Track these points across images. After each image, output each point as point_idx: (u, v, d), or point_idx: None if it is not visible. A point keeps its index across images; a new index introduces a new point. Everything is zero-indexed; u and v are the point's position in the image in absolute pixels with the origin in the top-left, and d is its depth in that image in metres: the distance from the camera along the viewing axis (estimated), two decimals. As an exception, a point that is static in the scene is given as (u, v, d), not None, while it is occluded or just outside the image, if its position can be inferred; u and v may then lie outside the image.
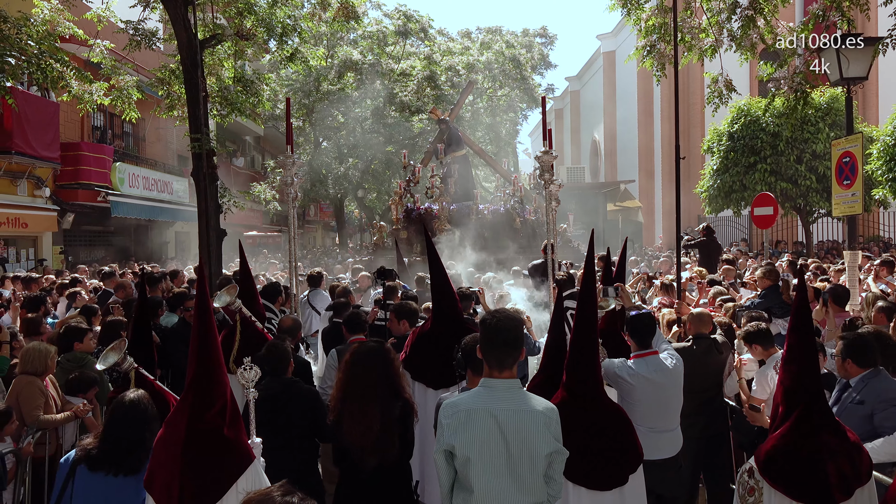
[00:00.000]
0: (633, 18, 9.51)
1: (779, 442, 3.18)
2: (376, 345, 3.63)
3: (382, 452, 3.38)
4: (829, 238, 23.42)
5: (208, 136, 9.00)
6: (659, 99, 31.60)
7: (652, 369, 4.25)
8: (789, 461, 3.12)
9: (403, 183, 16.01)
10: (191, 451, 3.05)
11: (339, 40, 25.23)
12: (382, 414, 3.39)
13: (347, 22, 10.45)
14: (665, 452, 4.29)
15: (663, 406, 4.28)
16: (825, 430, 3.11)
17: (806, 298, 3.27)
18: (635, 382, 4.21)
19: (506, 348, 2.83)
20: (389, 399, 3.45)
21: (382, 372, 3.49)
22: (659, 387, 4.23)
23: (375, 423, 3.35)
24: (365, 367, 3.49)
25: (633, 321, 4.42)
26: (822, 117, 17.79)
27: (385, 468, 3.44)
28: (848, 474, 3.05)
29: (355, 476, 3.50)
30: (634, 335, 4.42)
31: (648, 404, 4.23)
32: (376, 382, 3.45)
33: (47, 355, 5.05)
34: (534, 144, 54.82)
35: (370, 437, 3.35)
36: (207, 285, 3.40)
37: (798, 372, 3.16)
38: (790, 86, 8.94)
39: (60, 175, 16.63)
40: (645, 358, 4.32)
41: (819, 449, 3.07)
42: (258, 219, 29.08)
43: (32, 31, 8.48)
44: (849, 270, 7.85)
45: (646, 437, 3.98)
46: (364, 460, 3.40)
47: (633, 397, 4.23)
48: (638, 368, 4.25)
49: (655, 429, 4.25)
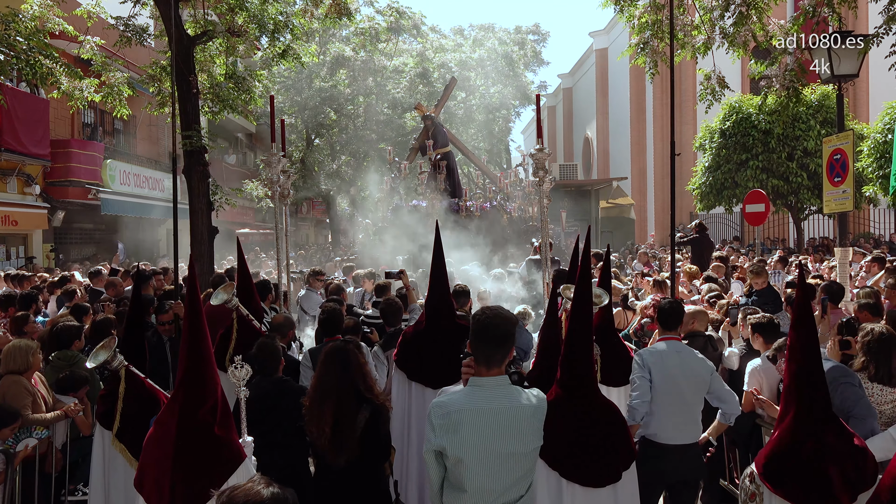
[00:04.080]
0: (626, 16, 9.52)
1: (779, 445, 3.08)
2: (339, 344, 3.61)
3: (338, 452, 3.37)
4: (820, 235, 23.54)
5: (200, 133, 8.95)
6: (651, 96, 31.64)
7: (674, 350, 4.30)
8: (790, 465, 3.01)
9: (389, 180, 15.97)
10: (181, 449, 3.03)
11: (331, 37, 25.16)
12: (337, 414, 3.39)
13: (339, 18, 10.41)
14: (689, 437, 4.28)
15: (685, 390, 4.26)
16: (827, 431, 3.00)
17: (808, 296, 3.21)
18: (654, 359, 4.28)
19: (495, 345, 2.81)
20: (348, 399, 3.43)
21: (341, 372, 3.48)
22: (681, 367, 4.25)
23: (328, 423, 3.37)
24: (325, 367, 3.52)
25: (661, 308, 4.54)
26: (814, 114, 17.88)
27: (353, 468, 3.42)
28: (852, 478, 2.94)
29: (326, 473, 3.51)
30: (660, 319, 4.52)
31: (671, 384, 4.23)
32: (335, 383, 3.46)
33: (28, 351, 4.98)
34: (526, 142, 54.81)
35: (325, 437, 3.37)
36: (198, 283, 3.38)
37: (798, 371, 3.06)
38: (781, 83, 8.97)
39: (51, 172, 16.51)
40: (669, 340, 4.39)
41: (821, 451, 2.96)
42: (250, 216, 28.98)
43: (22, 28, 8.42)
44: (839, 267, 7.89)
45: (671, 419, 4.13)
46: (328, 458, 3.41)
47: (655, 376, 4.26)
48: (659, 346, 4.36)
49: (679, 413, 4.25)
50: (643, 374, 4.23)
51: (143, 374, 4.12)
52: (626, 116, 34.61)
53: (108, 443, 4.01)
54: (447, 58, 27.48)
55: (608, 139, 39.33)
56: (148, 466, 3.14)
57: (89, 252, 19.14)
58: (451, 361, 4.65)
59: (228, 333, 5.65)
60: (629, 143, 34.32)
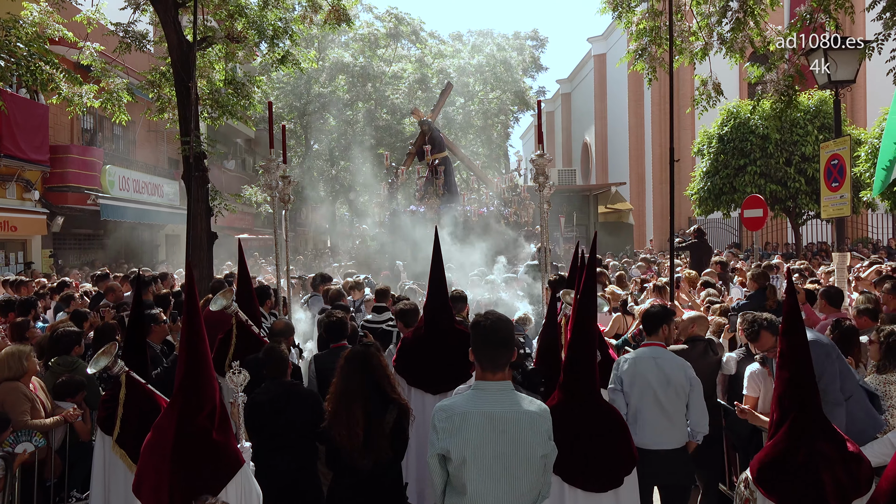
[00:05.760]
0: (624, 22, 9.55)
1: (772, 451, 3.09)
2: (361, 348, 3.68)
3: (373, 453, 3.40)
4: (818, 240, 23.57)
5: (199, 139, 8.96)
6: (650, 102, 31.70)
7: (651, 356, 4.34)
8: (783, 470, 3.03)
9: (386, 185, 15.98)
10: (180, 455, 3.04)
11: (331, 43, 25.22)
12: (366, 415, 3.43)
13: (338, 25, 10.43)
14: (671, 443, 4.31)
15: (661, 396, 4.28)
16: (820, 438, 3.02)
17: (796, 302, 3.18)
18: (627, 367, 4.36)
19: (498, 349, 2.83)
20: (375, 400, 3.49)
21: (366, 374, 3.54)
22: (656, 374, 4.28)
23: (360, 424, 3.41)
24: (347, 370, 3.57)
25: (645, 313, 4.62)
26: (811, 120, 17.93)
27: (379, 469, 3.46)
28: (845, 484, 2.95)
29: (350, 477, 3.52)
30: (643, 324, 4.59)
31: (646, 391, 4.27)
32: (360, 385, 3.51)
33: (21, 356, 4.97)
34: (525, 147, 54.87)
35: (357, 438, 3.40)
36: (196, 289, 3.38)
37: (790, 378, 3.07)
38: (777, 89, 9.00)
39: (50, 178, 16.51)
40: (650, 346, 4.44)
41: (814, 458, 2.97)
42: (249, 221, 28.99)
43: (22, 34, 8.43)
44: (837, 272, 7.89)
45: (650, 425, 4.17)
46: (356, 461, 3.43)
47: (634, 380, 4.31)
48: (641, 352, 4.42)
49: (657, 419, 4.28)
50: (615, 387, 4.38)
51: (144, 380, 4.12)
52: (625, 122, 34.65)
53: (109, 448, 4.01)
54: (446, 63, 27.54)
55: (607, 144, 39.36)
56: (146, 471, 3.14)
57: (88, 258, 19.14)
58: (451, 367, 4.67)
59: (228, 339, 5.66)
60: (627, 149, 34.36)
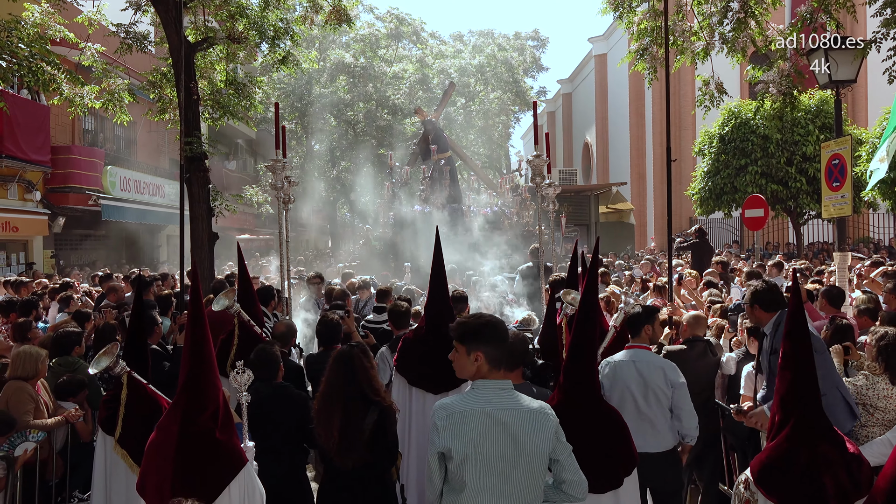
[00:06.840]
0: (625, 22, 9.56)
1: (773, 452, 3.07)
2: (346, 349, 3.66)
3: (346, 454, 3.40)
4: (819, 240, 23.57)
5: (200, 140, 8.98)
6: (650, 102, 31.70)
7: (631, 359, 4.31)
8: (784, 472, 3.01)
9: (390, 185, 15.98)
10: (183, 454, 3.04)
11: (332, 43, 25.24)
12: (345, 417, 3.43)
13: (339, 25, 10.45)
14: (654, 447, 4.29)
15: (639, 400, 4.28)
16: (822, 440, 3.00)
17: (800, 302, 3.16)
18: (608, 371, 4.33)
19: (504, 344, 2.86)
20: (355, 402, 3.47)
21: (348, 376, 3.52)
22: (635, 377, 4.27)
23: (336, 426, 3.41)
24: (333, 371, 3.57)
25: (627, 315, 4.54)
26: (812, 120, 17.94)
27: (365, 470, 3.45)
28: (846, 486, 2.94)
29: (336, 476, 3.53)
30: (627, 326, 4.52)
31: (625, 394, 4.26)
32: (342, 386, 3.51)
33: (38, 359, 5.01)
34: (526, 147, 54.88)
35: (333, 440, 3.41)
36: (201, 289, 3.39)
37: (792, 379, 3.05)
38: (778, 89, 9.01)
39: (51, 178, 16.55)
40: (632, 349, 4.41)
41: (815, 460, 2.96)
42: (251, 222, 29.00)
43: (23, 35, 8.45)
44: (838, 272, 7.90)
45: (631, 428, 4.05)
46: (335, 461, 3.44)
47: (618, 383, 4.29)
48: (622, 355, 4.37)
49: (636, 422, 4.25)
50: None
51: (145, 381, 4.13)
52: (626, 121, 34.64)
53: (110, 448, 4.01)
54: (447, 64, 27.55)
55: (608, 144, 39.34)
56: (150, 471, 3.15)
57: (89, 259, 19.16)
58: (451, 366, 4.66)
59: (230, 339, 5.67)
60: (629, 149, 34.36)
